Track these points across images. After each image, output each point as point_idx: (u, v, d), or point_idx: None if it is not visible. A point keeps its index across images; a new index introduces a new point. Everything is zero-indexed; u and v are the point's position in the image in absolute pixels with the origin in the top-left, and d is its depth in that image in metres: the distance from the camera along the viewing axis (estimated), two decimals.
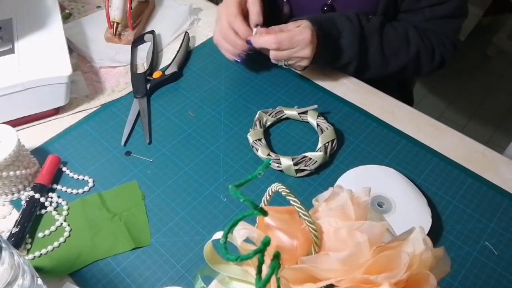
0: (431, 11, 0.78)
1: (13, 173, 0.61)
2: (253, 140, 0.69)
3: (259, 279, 0.31)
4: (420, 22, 0.80)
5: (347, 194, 0.38)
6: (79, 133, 0.73)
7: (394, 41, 0.77)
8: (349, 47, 0.74)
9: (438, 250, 0.35)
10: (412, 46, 0.78)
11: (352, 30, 0.73)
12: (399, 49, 0.77)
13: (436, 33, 0.81)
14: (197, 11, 0.97)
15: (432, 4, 0.78)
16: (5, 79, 0.68)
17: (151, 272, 0.57)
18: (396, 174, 0.65)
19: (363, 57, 0.76)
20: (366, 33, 0.75)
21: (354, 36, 0.73)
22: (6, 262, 0.41)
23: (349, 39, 0.74)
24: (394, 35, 0.77)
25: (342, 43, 0.74)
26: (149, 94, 0.79)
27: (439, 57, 0.81)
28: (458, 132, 0.72)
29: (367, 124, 0.73)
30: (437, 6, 0.78)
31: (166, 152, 0.70)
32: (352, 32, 0.73)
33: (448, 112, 1.99)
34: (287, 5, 0.86)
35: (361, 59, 0.76)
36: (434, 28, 0.80)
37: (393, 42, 0.77)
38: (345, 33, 0.73)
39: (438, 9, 0.78)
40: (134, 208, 0.63)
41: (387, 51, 0.77)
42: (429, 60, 0.80)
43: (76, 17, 0.95)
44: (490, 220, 0.61)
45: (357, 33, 0.74)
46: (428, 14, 0.79)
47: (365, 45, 0.75)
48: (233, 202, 0.63)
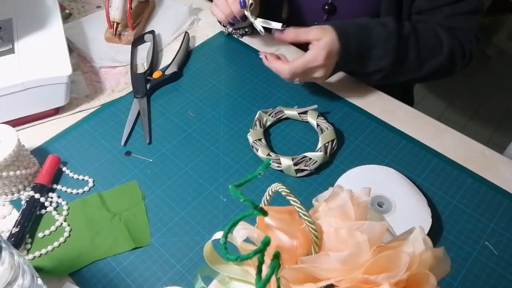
0: (451, 8, 0.76)
1: (13, 173, 0.61)
2: (253, 140, 0.69)
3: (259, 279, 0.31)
4: (441, 20, 0.77)
5: (347, 194, 0.38)
6: (79, 133, 0.73)
7: (428, 42, 0.74)
8: (384, 56, 0.71)
9: (438, 250, 0.35)
10: (445, 46, 0.75)
11: (388, 39, 0.70)
12: (434, 49, 0.74)
13: (460, 29, 0.78)
14: (197, 11, 0.97)
15: (451, 2, 0.75)
16: (5, 79, 0.68)
17: (151, 272, 0.57)
18: (396, 174, 0.65)
19: (398, 64, 0.73)
20: (403, 39, 0.71)
21: (390, 46, 0.70)
22: (6, 262, 0.41)
23: (385, 49, 0.70)
24: (427, 36, 0.74)
25: (376, 53, 0.71)
26: (149, 94, 0.79)
27: (469, 52, 0.79)
28: (458, 132, 0.72)
29: (367, 124, 0.73)
30: (456, 4, 0.76)
31: (166, 152, 0.70)
32: (388, 42, 0.70)
33: (448, 112, 1.99)
34: (286, 4, 0.85)
35: (396, 65, 0.72)
36: (457, 25, 0.78)
37: (428, 43, 0.74)
38: (380, 43, 0.70)
39: (459, 5, 0.76)
40: (134, 208, 0.63)
41: (423, 53, 0.74)
42: (461, 58, 0.78)
43: (76, 17, 0.95)
44: (490, 220, 0.61)
45: (394, 41, 0.70)
46: (449, 11, 0.76)
47: (402, 51, 0.72)
48: (233, 202, 0.63)
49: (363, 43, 0.70)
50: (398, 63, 0.72)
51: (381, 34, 0.70)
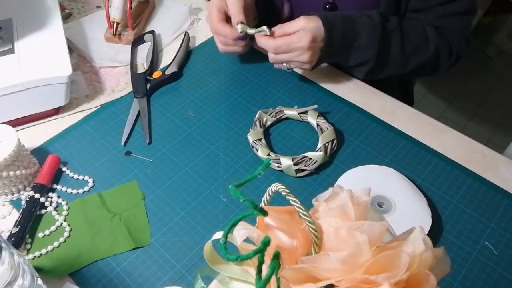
0: (443, 8, 0.78)
1: (13, 173, 0.61)
2: (253, 140, 0.69)
3: (259, 279, 0.31)
4: (433, 20, 0.79)
5: (347, 194, 0.38)
6: (79, 133, 0.73)
7: (414, 39, 0.76)
8: (368, 47, 0.73)
9: (438, 250, 0.35)
10: (431, 44, 0.77)
11: (372, 31, 0.72)
12: (419, 46, 0.76)
13: (450, 29, 0.80)
14: (197, 11, 0.97)
15: (443, 2, 0.77)
16: (5, 79, 0.68)
17: (151, 272, 0.57)
18: (396, 174, 0.65)
19: (382, 57, 0.74)
20: (388, 31, 0.73)
21: (374, 37, 0.72)
22: (6, 262, 0.41)
23: (369, 40, 0.72)
24: (413, 32, 0.76)
25: (360, 43, 0.72)
26: (149, 94, 0.79)
27: (456, 53, 0.80)
28: (458, 132, 0.72)
29: (367, 124, 0.73)
30: (448, 4, 0.77)
31: (166, 152, 0.70)
32: (372, 33, 0.72)
33: (448, 112, 1.99)
34: (287, 3, 0.86)
35: (380, 58, 0.74)
36: (448, 25, 0.79)
37: (414, 39, 0.76)
38: (365, 33, 0.72)
39: (450, 6, 0.77)
40: (134, 208, 0.63)
41: (408, 49, 0.75)
42: (447, 57, 0.80)
43: (76, 17, 0.95)
44: (490, 220, 0.61)
45: (379, 33, 0.72)
46: (441, 11, 0.78)
47: (386, 44, 0.74)
48: (233, 202, 0.63)
49: (347, 32, 0.71)
50: (382, 56, 0.74)
51: (366, 25, 0.72)
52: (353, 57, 0.74)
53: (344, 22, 0.71)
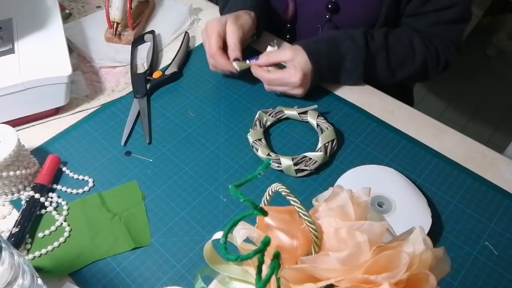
0: (437, 16, 0.78)
1: (13, 173, 0.61)
2: (253, 140, 0.69)
3: (259, 279, 0.31)
4: (425, 27, 0.80)
5: (347, 194, 0.38)
6: (79, 133, 0.73)
7: (400, 54, 0.77)
8: (354, 69, 0.75)
9: (438, 250, 0.35)
10: (417, 56, 0.78)
11: (357, 54, 0.73)
12: (405, 60, 0.78)
13: (441, 37, 0.81)
14: (197, 11, 0.97)
15: (437, 9, 0.78)
16: (5, 79, 0.68)
17: (151, 272, 0.57)
18: (396, 174, 0.65)
19: (368, 74, 0.76)
20: (372, 52, 0.75)
21: (359, 58, 0.74)
22: (6, 262, 0.41)
23: (354, 62, 0.74)
24: (399, 47, 0.77)
25: (346, 66, 0.75)
26: (149, 94, 0.79)
27: (444, 62, 0.81)
28: (458, 132, 0.72)
29: (367, 124, 0.73)
30: (442, 11, 0.78)
31: (166, 152, 0.70)
32: (357, 56, 0.74)
33: (448, 112, 1.99)
34: (292, 2, 0.86)
35: (367, 75, 0.76)
36: (439, 33, 0.80)
37: (399, 54, 0.77)
38: (350, 56, 0.74)
39: (444, 14, 0.78)
40: (134, 208, 0.63)
41: (394, 64, 0.77)
42: (434, 67, 0.81)
43: (76, 17, 0.95)
44: (490, 220, 0.61)
45: (363, 55, 0.74)
46: (434, 19, 0.79)
47: (372, 63, 0.75)
48: (233, 202, 0.63)
49: (333, 58, 0.74)
50: (369, 73, 0.76)
51: (350, 48, 0.74)
52: (342, 77, 0.77)
53: (329, 47, 0.73)
